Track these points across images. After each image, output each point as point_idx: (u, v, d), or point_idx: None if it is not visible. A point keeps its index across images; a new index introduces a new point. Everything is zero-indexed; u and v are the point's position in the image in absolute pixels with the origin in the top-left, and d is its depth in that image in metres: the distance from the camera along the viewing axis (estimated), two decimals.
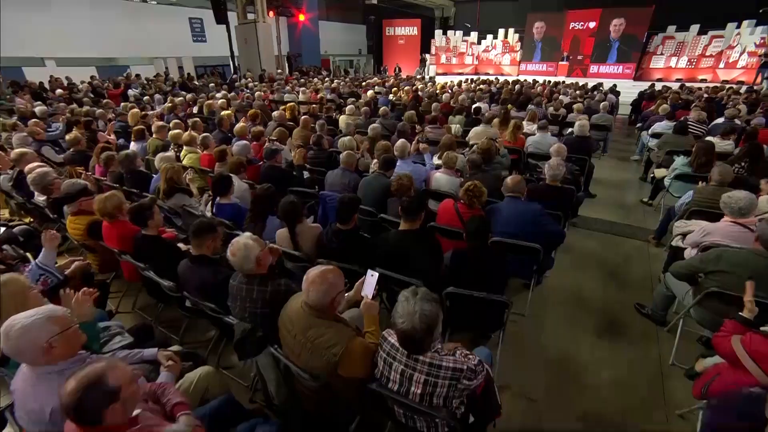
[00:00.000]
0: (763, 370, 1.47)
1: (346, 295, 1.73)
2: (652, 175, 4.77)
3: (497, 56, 20.31)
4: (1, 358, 1.56)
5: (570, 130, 5.39)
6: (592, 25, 17.77)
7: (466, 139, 5.34)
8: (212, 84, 13.35)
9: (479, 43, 20.63)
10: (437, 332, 1.30)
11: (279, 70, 16.79)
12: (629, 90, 12.24)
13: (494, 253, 2.22)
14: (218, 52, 17.48)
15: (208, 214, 3.07)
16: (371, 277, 1.72)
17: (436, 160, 4.09)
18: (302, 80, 14.14)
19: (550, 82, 12.68)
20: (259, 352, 1.75)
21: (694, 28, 15.56)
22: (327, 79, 15.09)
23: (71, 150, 4.90)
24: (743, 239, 2.21)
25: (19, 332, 1.24)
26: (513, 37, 19.68)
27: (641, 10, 16.02)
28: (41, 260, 2.39)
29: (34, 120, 6.18)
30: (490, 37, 20.23)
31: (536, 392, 2.24)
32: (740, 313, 1.68)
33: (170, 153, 4.17)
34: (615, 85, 11.42)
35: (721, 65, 15.27)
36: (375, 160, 3.88)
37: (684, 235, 2.74)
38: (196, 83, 14.09)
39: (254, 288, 1.75)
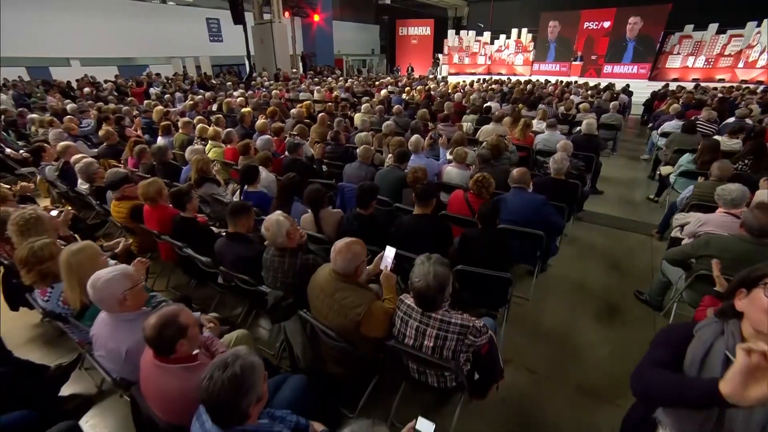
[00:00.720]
0: None
1: (367, 267, 1.97)
2: (658, 172, 4.89)
3: (510, 56, 20.31)
4: (78, 313, 1.83)
5: (578, 128, 5.52)
6: (606, 24, 17.64)
7: (477, 136, 5.53)
8: (229, 83, 13.76)
9: (492, 43, 20.66)
10: (447, 292, 1.52)
11: (294, 70, 17.17)
12: (644, 90, 12.20)
13: (501, 236, 2.43)
14: (234, 51, 17.96)
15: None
16: (389, 252, 1.95)
17: (447, 156, 4.30)
18: (316, 79, 14.48)
19: (562, 82, 12.72)
20: (290, 316, 1.99)
21: (713, 27, 15.30)
22: (341, 78, 15.40)
23: (104, 144, 5.24)
24: (735, 228, 2.36)
25: (103, 284, 1.51)
26: (526, 37, 19.67)
27: (658, 8, 15.80)
28: None
29: (68, 117, 6.59)
30: (503, 36, 20.24)
31: (537, 365, 2.44)
32: (714, 289, 1.87)
33: (199, 146, 4.46)
34: (628, 85, 11.44)
35: (740, 65, 15.02)
36: (390, 155, 4.11)
37: (683, 227, 2.90)
38: (213, 82, 14.54)
39: (285, 260, 2.00)
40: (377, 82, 13.72)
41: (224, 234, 2.34)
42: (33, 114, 7.37)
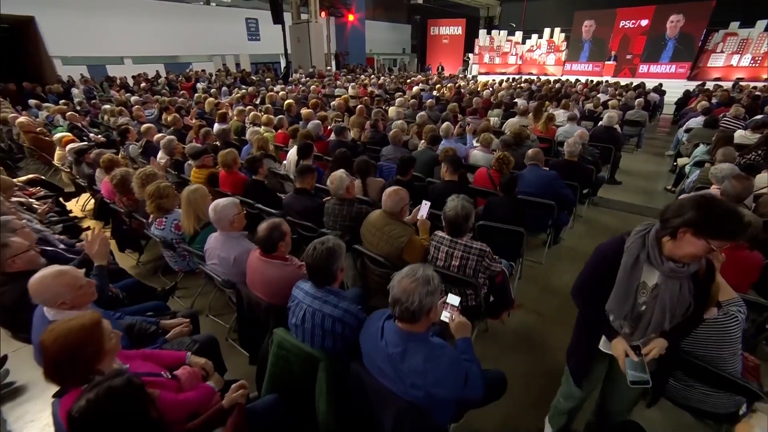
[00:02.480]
0: None
1: (406, 218, 2.49)
2: (675, 163, 5.14)
3: (542, 56, 20.21)
4: (190, 238, 2.47)
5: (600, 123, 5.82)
6: (644, 22, 17.21)
7: (502, 128, 5.94)
8: (268, 79, 14.68)
9: (524, 42, 20.64)
10: (471, 222, 2.03)
11: (328, 68, 17.96)
12: (680, 90, 12.01)
13: (518, 202, 2.90)
14: (270, 50, 18.89)
15: (292, 173, 3.96)
16: (425, 205, 2.47)
17: (474, 142, 4.77)
18: (349, 77, 15.18)
19: (592, 81, 12.75)
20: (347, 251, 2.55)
21: (761, 23, 14.66)
22: (372, 76, 16.03)
23: (171, 129, 6.04)
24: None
25: (221, 208, 2.13)
26: (559, 36, 19.52)
27: (701, 4, 15.30)
28: None
29: (136, 107, 7.52)
30: (535, 36, 20.19)
31: (544, 311, 2.89)
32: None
33: (259, 128, 5.15)
34: (660, 85, 11.35)
35: None
36: (422, 141, 4.62)
37: None
38: (253, 78, 15.52)
39: (344, 207, 2.57)
40: (409, 80, 14.23)
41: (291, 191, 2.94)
42: (106, 105, 8.39)
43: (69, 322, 1.19)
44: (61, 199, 4.67)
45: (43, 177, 5.06)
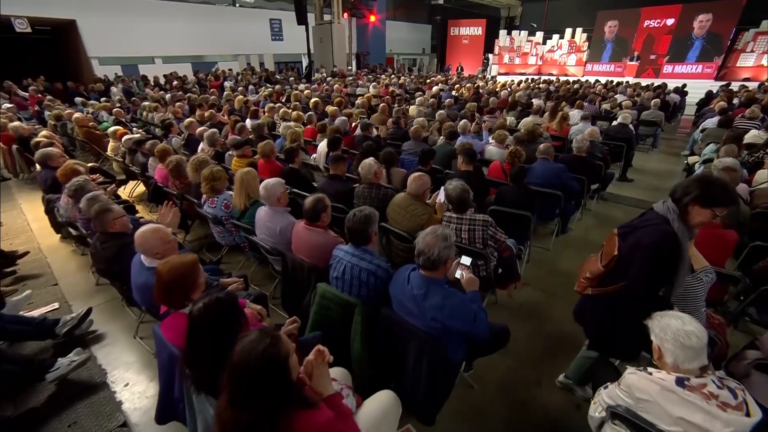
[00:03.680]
0: None
1: (428, 200, 2.85)
2: (685, 162, 5.31)
3: (562, 56, 20.15)
4: (240, 213, 2.90)
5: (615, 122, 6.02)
6: (670, 22, 16.95)
7: (518, 127, 6.20)
8: (291, 78, 15.25)
9: (544, 43, 20.63)
10: (470, 199, 2.38)
11: (349, 67, 18.44)
12: (705, 91, 11.87)
13: (526, 190, 3.22)
14: (292, 50, 19.45)
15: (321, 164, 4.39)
16: (443, 190, 2.81)
17: (490, 139, 5.07)
18: (370, 77, 15.61)
19: (612, 82, 12.76)
20: None
21: None
22: (393, 76, 16.41)
23: (207, 123, 6.56)
24: None
25: (271, 186, 2.54)
26: (580, 36, 19.43)
27: (730, 3, 15.03)
28: None
29: (179, 103, 8.12)
30: (556, 36, 20.15)
31: (550, 289, 3.20)
32: None
33: (291, 123, 5.60)
34: (684, 85, 11.28)
35: None
36: (441, 137, 4.96)
37: None
38: (278, 77, 16.13)
39: (372, 191, 2.96)
40: (428, 80, 14.54)
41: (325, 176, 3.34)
42: (145, 102, 9.06)
43: (179, 257, 1.61)
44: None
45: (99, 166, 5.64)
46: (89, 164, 5.39)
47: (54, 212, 3.57)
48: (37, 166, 4.71)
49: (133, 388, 2.37)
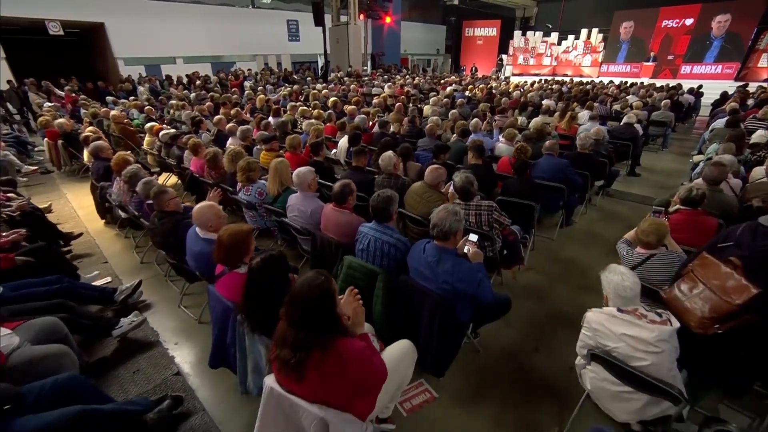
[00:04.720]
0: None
1: (441, 190, 3.16)
2: (691, 160, 5.48)
3: (577, 57, 20.05)
4: (273, 199, 3.26)
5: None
6: (688, 22, 16.73)
7: (528, 127, 6.45)
8: (309, 78, 15.70)
9: (559, 43, 20.57)
10: (475, 188, 2.68)
11: (364, 68, 18.83)
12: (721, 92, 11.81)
13: (530, 183, 3.50)
14: (309, 50, 19.89)
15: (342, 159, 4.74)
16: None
17: (500, 137, 5.34)
18: (386, 77, 15.95)
19: (626, 83, 12.80)
20: None
21: None
22: (407, 76, 16.72)
23: (234, 120, 6.98)
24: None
25: (303, 173, 2.90)
26: (596, 37, 19.31)
27: (750, 2, 14.84)
28: None
29: (209, 104, 8.59)
30: (571, 37, 20.07)
31: (552, 273, 3.47)
32: None
33: (313, 120, 5.97)
34: (700, 86, 11.27)
35: None
36: (454, 135, 5.26)
37: None
38: (295, 77, 16.61)
39: (391, 181, 3.28)
40: (442, 81, 14.79)
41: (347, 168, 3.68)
42: (172, 101, 9.57)
43: (236, 225, 1.96)
44: None
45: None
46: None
47: (106, 198, 4.00)
48: (85, 158, 5.19)
49: (182, 346, 2.75)
